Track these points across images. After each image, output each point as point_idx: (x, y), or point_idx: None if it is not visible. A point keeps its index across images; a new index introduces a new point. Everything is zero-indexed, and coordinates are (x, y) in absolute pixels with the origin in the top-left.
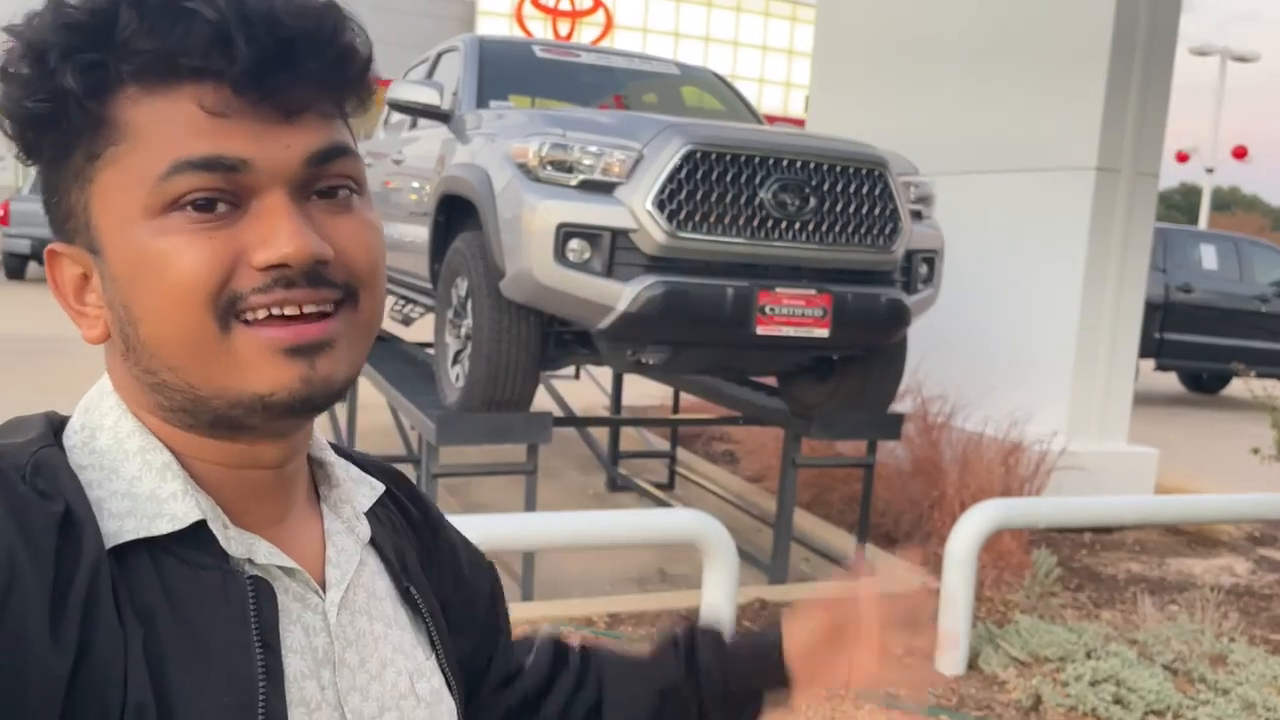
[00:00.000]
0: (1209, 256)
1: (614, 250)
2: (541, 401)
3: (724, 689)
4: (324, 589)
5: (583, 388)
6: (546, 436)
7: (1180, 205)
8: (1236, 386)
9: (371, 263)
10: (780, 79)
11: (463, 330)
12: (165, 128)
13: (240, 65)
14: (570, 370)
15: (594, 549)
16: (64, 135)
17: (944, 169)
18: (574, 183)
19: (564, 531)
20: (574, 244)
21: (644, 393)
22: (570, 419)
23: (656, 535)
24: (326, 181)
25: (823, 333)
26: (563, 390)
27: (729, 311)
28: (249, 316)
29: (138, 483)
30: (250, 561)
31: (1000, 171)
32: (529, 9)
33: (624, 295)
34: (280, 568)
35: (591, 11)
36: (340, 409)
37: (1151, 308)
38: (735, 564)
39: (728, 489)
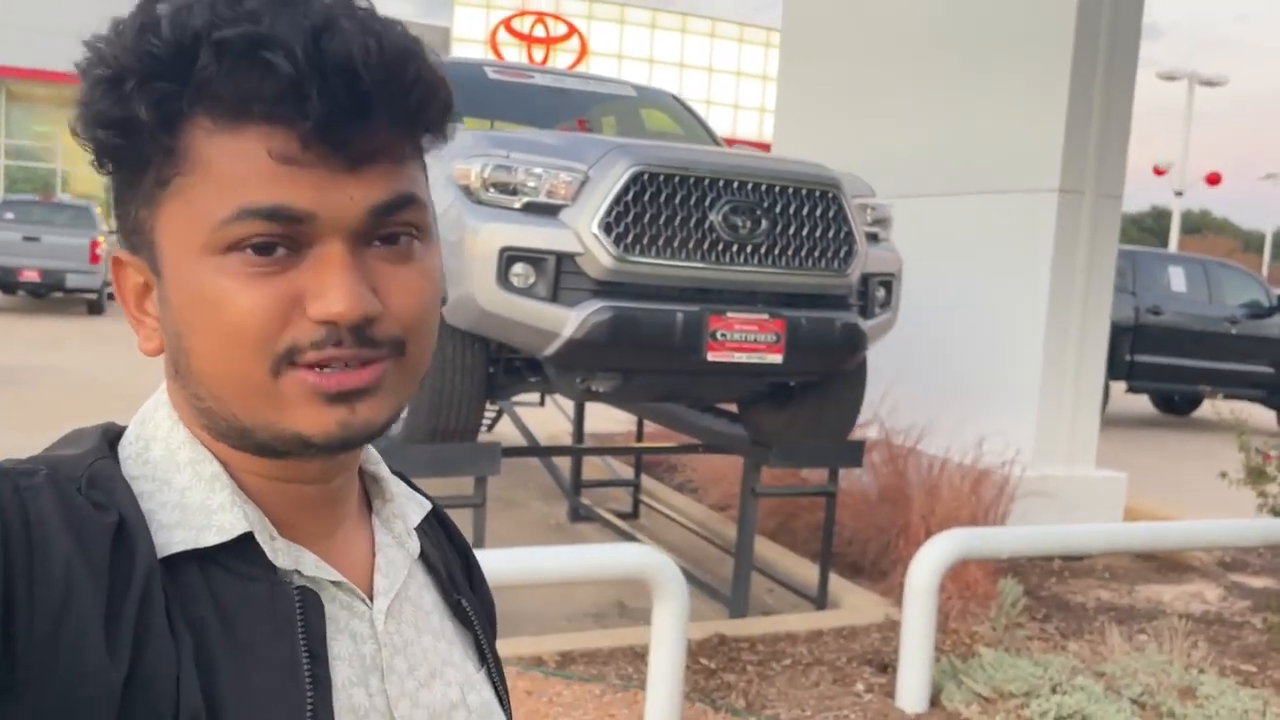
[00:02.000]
0: (1178, 279)
1: (559, 274)
2: (504, 429)
3: None
4: (371, 599)
5: (548, 415)
6: (494, 468)
7: (1152, 229)
8: (1207, 409)
9: (422, 315)
10: (755, 105)
11: None
12: (233, 169)
13: (312, 120)
14: (535, 397)
15: (543, 586)
16: (136, 160)
17: (908, 191)
18: (518, 205)
19: (510, 569)
20: (518, 268)
21: (611, 419)
22: (529, 448)
23: (605, 571)
24: (388, 229)
25: (776, 359)
26: (528, 417)
27: (679, 337)
28: (298, 360)
29: (188, 493)
30: (298, 573)
31: (963, 194)
32: (504, 35)
33: (570, 321)
34: (328, 580)
35: (566, 38)
36: None
37: (1122, 330)
38: (686, 600)
39: (692, 518)
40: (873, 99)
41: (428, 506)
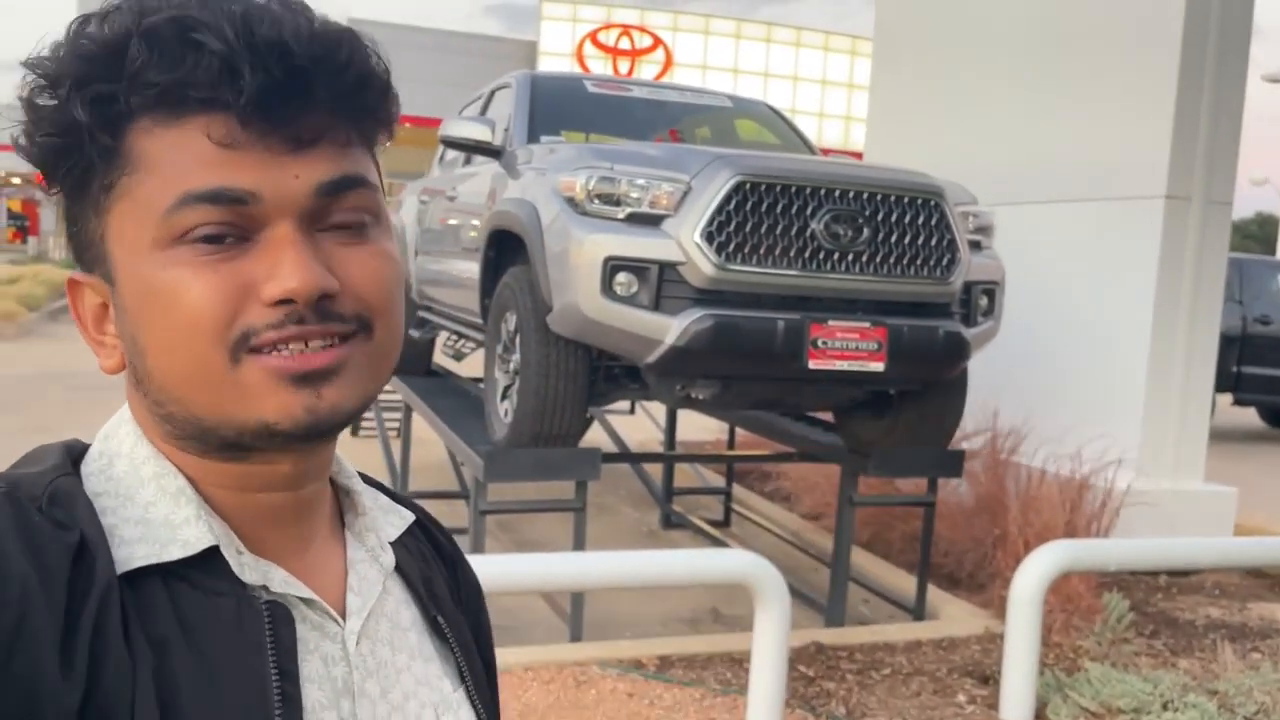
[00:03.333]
0: None
1: (661, 283)
2: (595, 437)
3: None
4: (344, 618)
5: (638, 422)
6: (595, 473)
7: (1257, 235)
8: None
9: (384, 292)
10: (840, 113)
11: (511, 365)
12: (175, 159)
13: (246, 96)
14: (625, 405)
15: (644, 589)
16: (80, 166)
17: (1010, 199)
18: (621, 215)
19: (612, 572)
20: (621, 277)
21: (701, 427)
22: (623, 455)
23: (707, 576)
24: (341, 215)
25: (878, 367)
26: (618, 425)
27: (780, 345)
28: (257, 344)
29: (152, 509)
30: (266, 589)
31: (1067, 200)
32: (589, 48)
33: (672, 329)
34: (298, 597)
35: (651, 50)
36: (395, 444)
37: (1228, 340)
38: (788, 607)
39: (784, 527)
40: (969, 106)
41: (410, 518)
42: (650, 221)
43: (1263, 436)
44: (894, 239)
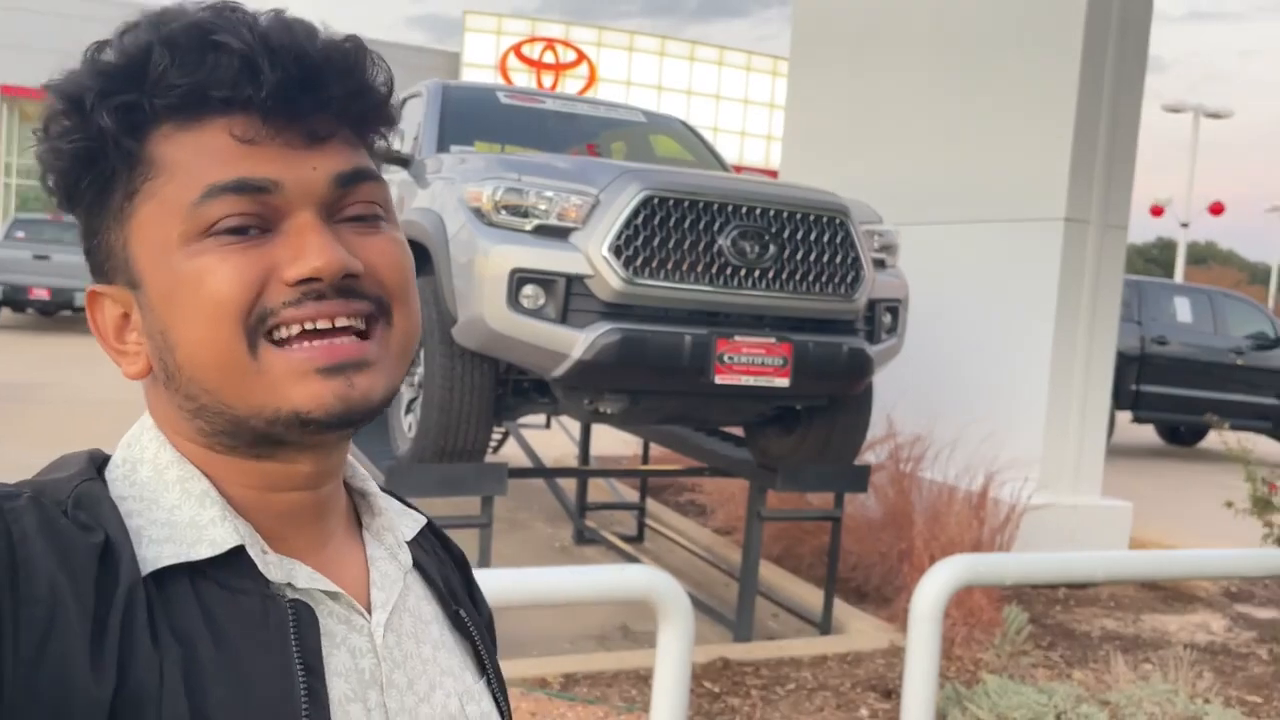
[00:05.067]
0: (1184, 309)
1: (569, 296)
2: (510, 451)
3: None
4: (369, 612)
5: (554, 437)
6: (501, 488)
7: (1158, 260)
8: (1213, 439)
9: (402, 278)
10: (762, 132)
11: (415, 378)
12: (199, 158)
13: (267, 90)
14: (540, 419)
15: (547, 607)
16: (102, 176)
17: (915, 219)
18: (529, 228)
19: (515, 588)
20: (528, 290)
21: (618, 442)
22: (535, 470)
23: (609, 593)
24: (354, 208)
25: (783, 382)
26: (533, 440)
27: (687, 360)
28: (281, 334)
29: (177, 510)
30: (291, 586)
31: (970, 222)
32: (513, 61)
33: (579, 343)
34: (323, 591)
35: (575, 64)
36: None
37: (1128, 360)
38: (691, 623)
39: (697, 542)
40: (880, 128)
41: (422, 521)
42: (558, 234)
43: (1160, 453)
44: (800, 256)
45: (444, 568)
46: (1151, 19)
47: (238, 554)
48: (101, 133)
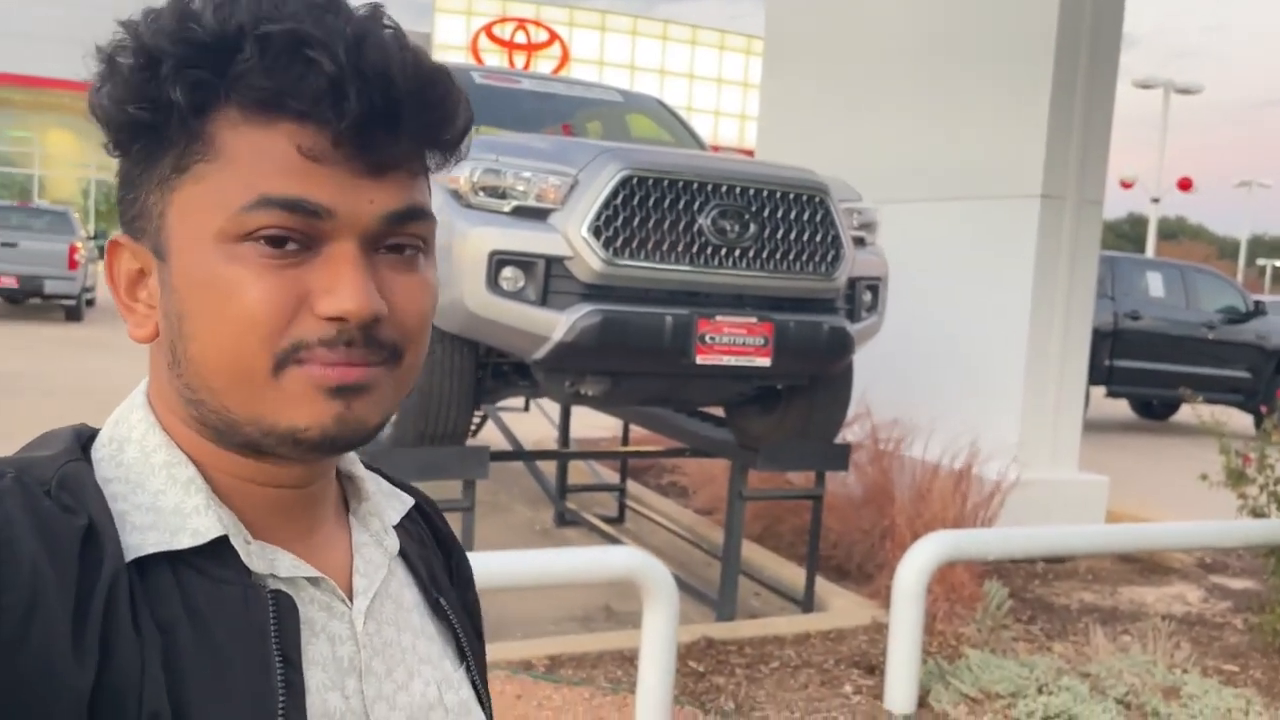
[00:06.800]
0: (1156, 284)
1: (549, 278)
2: (489, 434)
3: None
4: (350, 599)
5: (532, 420)
6: (483, 472)
7: (1129, 235)
8: (1186, 413)
9: (422, 323)
10: (736, 111)
11: None
12: (257, 159)
13: (349, 120)
14: (519, 402)
15: (532, 589)
16: (157, 142)
17: (894, 197)
18: (507, 209)
19: (498, 571)
20: (507, 272)
21: (597, 424)
22: (516, 453)
23: (594, 574)
24: (397, 239)
25: (764, 362)
26: (511, 422)
27: (668, 341)
28: (302, 356)
29: (162, 496)
30: (273, 576)
31: (948, 199)
32: (485, 42)
33: (559, 325)
34: (306, 578)
35: (547, 45)
36: None
37: (1101, 335)
38: (675, 603)
39: (678, 522)
40: (857, 105)
41: (410, 502)
42: (537, 215)
43: (1134, 427)
44: (780, 235)
45: (426, 552)
46: None
47: (221, 543)
48: (169, 104)
